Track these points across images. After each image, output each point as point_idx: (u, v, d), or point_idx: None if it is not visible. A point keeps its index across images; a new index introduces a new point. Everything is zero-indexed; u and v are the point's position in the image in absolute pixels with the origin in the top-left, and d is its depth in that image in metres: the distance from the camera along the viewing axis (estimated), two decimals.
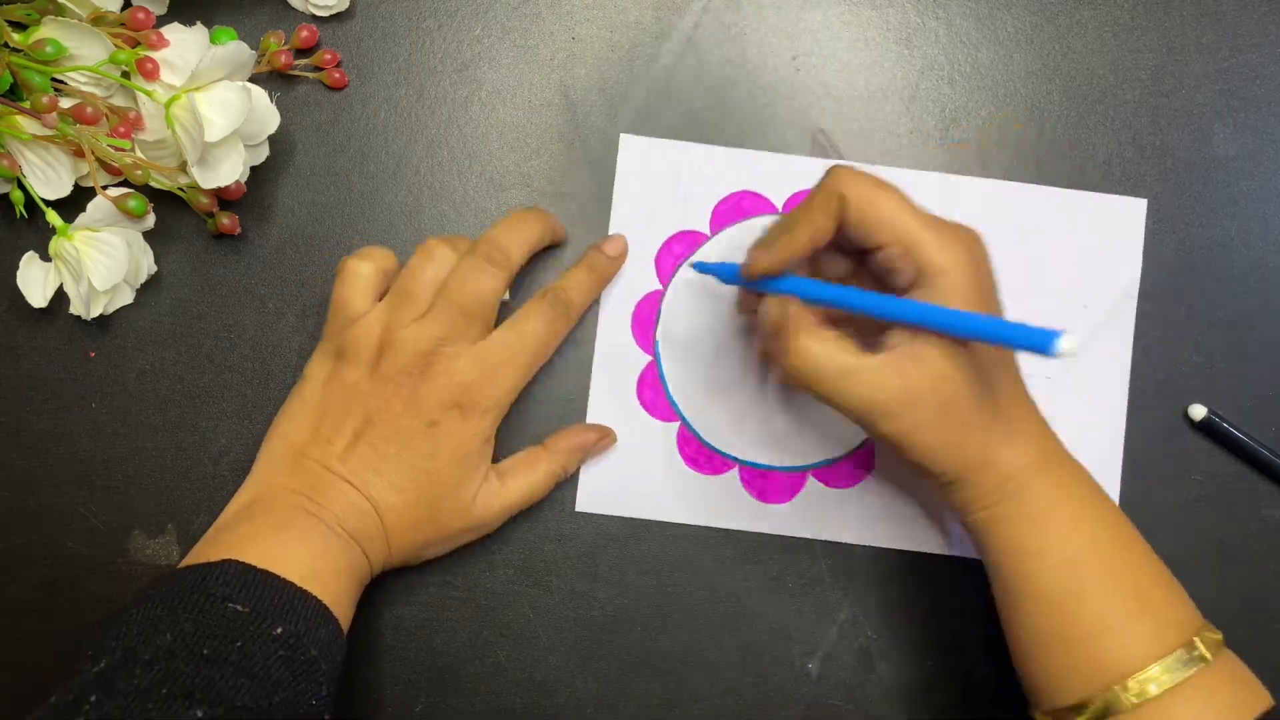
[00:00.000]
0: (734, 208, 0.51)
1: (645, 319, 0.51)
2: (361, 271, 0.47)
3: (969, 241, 0.40)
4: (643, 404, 0.50)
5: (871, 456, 0.50)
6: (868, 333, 0.41)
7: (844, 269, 0.44)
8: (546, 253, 0.50)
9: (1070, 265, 0.50)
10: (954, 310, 0.38)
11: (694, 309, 0.51)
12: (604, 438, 0.50)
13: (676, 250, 0.51)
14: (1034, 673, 0.42)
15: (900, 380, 0.39)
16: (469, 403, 0.45)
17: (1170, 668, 0.39)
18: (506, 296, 0.48)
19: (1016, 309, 0.43)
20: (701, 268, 0.49)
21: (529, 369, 0.47)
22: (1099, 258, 0.50)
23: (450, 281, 0.45)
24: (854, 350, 0.40)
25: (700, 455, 0.50)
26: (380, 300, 0.47)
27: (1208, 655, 0.40)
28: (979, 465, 0.41)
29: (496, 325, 0.47)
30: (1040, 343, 0.33)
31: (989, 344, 0.38)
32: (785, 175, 0.50)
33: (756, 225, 0.50)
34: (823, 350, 0.40)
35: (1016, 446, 0.41)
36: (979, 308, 0.39)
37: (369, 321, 0.46)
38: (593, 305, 0.50)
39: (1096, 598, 0.40)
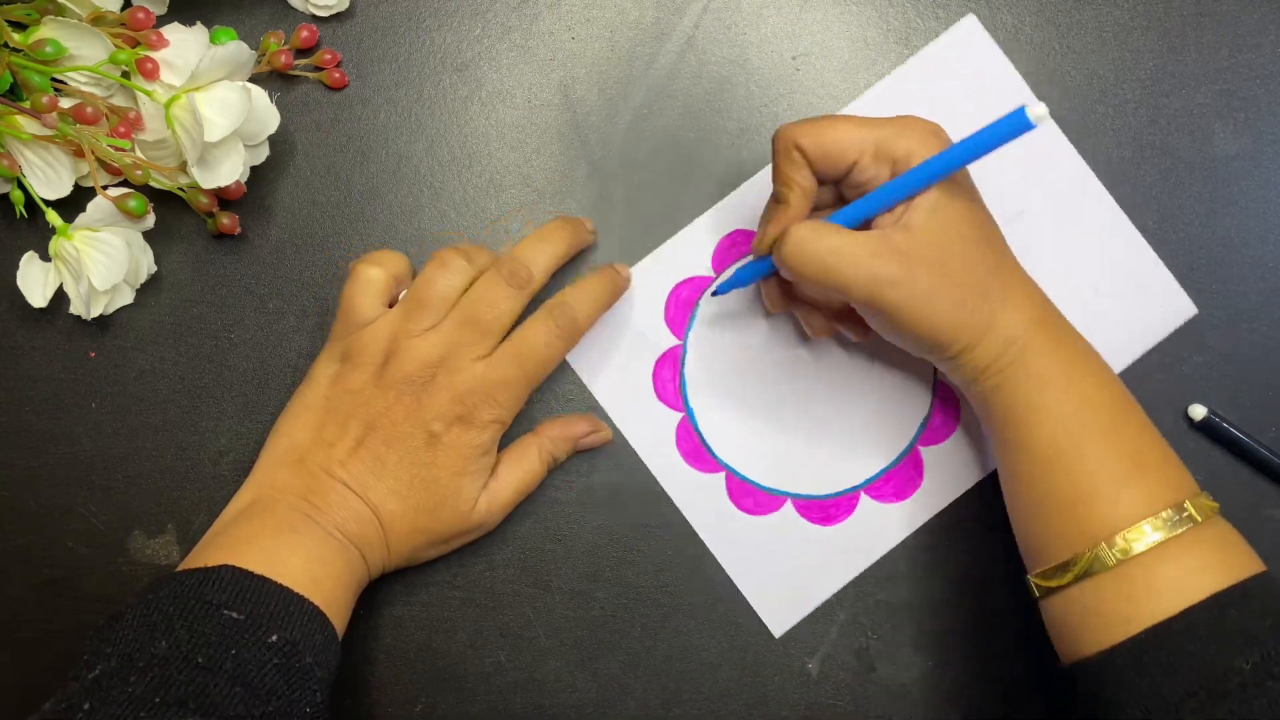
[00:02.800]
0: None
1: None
2: (372, 276, 0.46)
3: (928, 124, 0.42)
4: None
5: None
6: None
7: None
8: (572, 259, 0.50)
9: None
10: (926, 160, 0.40)
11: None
12: (596, 430, 0.50)
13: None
14: (1030, 534, 0.43)
15: (893, 248, 0.41)
16: (470, 416, 0.45)
17: (1157, 527, 0.39)
18: None
19: None
20: (722, 288, 0.50)
21: (532, 385, 0.46)
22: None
23: (470, 296, 0.45)
24: (848, 232, 0.42)
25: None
26: (389, 306, 0.47)
27: (1197, 517, 0.40)
28: (984, 328, 0.42)
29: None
30: (1015, 123, 0.36)
31: (974, 159, 0.40)
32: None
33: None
34: (816, 234, 0.42)
35: (1016, 303, 0.42)
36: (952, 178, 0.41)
37: (378, 327, 0.46)
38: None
39: (1093, 456, 0.41)
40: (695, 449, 0.50)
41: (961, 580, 0.50)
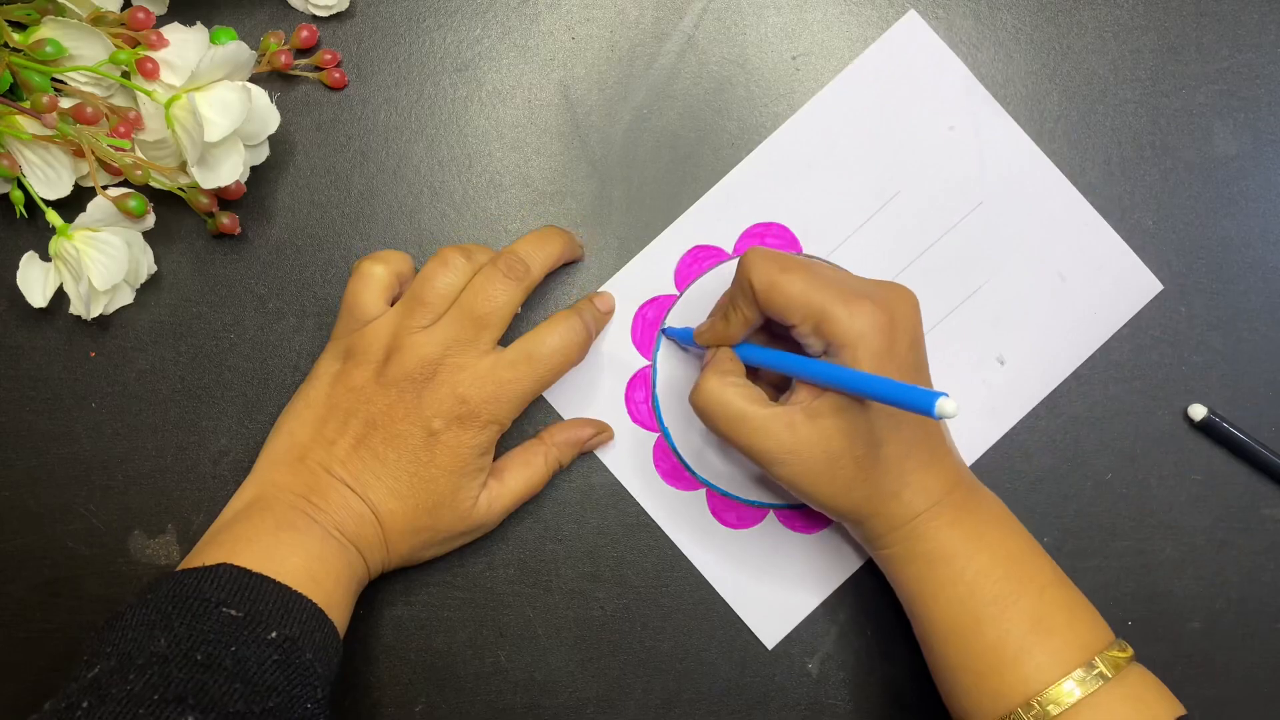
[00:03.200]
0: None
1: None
2: (375, 273, 0.46)
3: (890, 304, 0.42)
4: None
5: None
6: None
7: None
8: (562, 268, 0.50)
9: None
10: (844, 370, 0.40)
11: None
12: (600, 433, 0.50)
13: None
14: (949, 696, 0.44)
15: (789, 433, 0.42)
16: (469, 415, 0.45)
17: (1070, 688, 0.40)
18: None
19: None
20: (670, 332, 0.50)
21: (536, 389, 0.46)
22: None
23: (467, 291, 0.46)
24: (755, 399, 0.43)
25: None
26: (392, 304, 0.47)
27: (1108, 673, 0.41)
28: (870, 513, 0.43)
29: (508, 339, 0.47)
30: (922, 403, 0.35)
31: (878, 400, 0.39)
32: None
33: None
34: (723, 394, 0.43)
35: (905, 499, 0.43)
36: (886, 371, 0.41)
37: (380, 325, 0.46)
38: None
39: (991, 629, 0.42)
40: (674, 468, 0.50)
41: None
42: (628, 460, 0.50)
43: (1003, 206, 0.50)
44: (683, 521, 0.50)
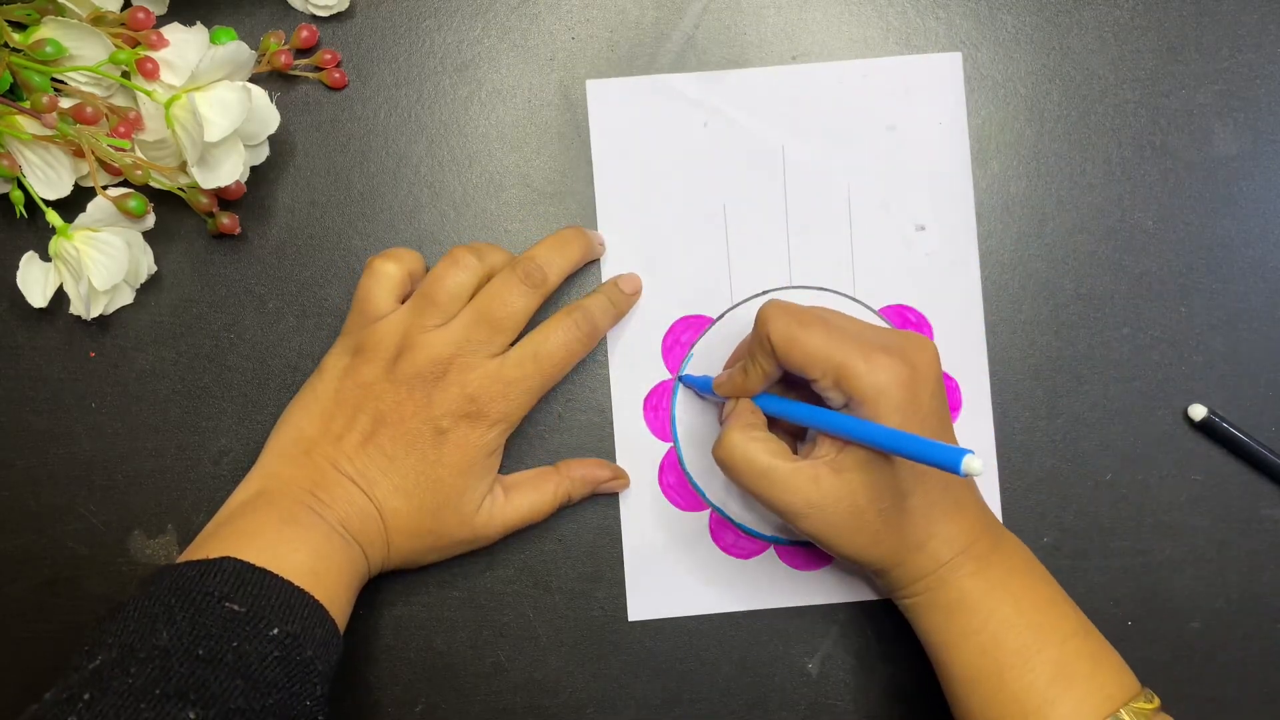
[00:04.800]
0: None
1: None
2: (387, 271, 0.47)
3: (911, 356, 0.42)
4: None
5: None
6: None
7: None
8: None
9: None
10: (868, 425, 0.40)
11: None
12: (617, 478, 0.49)
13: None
14: None
15: (813, 487, 0.42)
16: (478, 414, 0.45)
17: None
18: None
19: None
20: (687, 380, 0.50)
21: (543, 387, 0.47)
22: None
23: (484, 294, 0.46)
24: (779, 453, 0.43)
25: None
26: (403, 303, 0.47)
27: None
28: (895, 564, 0.43)
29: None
30: (948, 461, 0.35)
31: (903, 455, 0.39)
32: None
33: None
34: (747, 449, 0.43)
35: (931, 548, 0.42)
36: (909, 424, 0.41)
37: (391, 322, 0.46)
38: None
39: (1015, 680, 0.41)
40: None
41: None
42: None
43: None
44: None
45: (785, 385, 0.47)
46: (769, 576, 0.50)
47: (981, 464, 0.35)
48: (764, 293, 0.50)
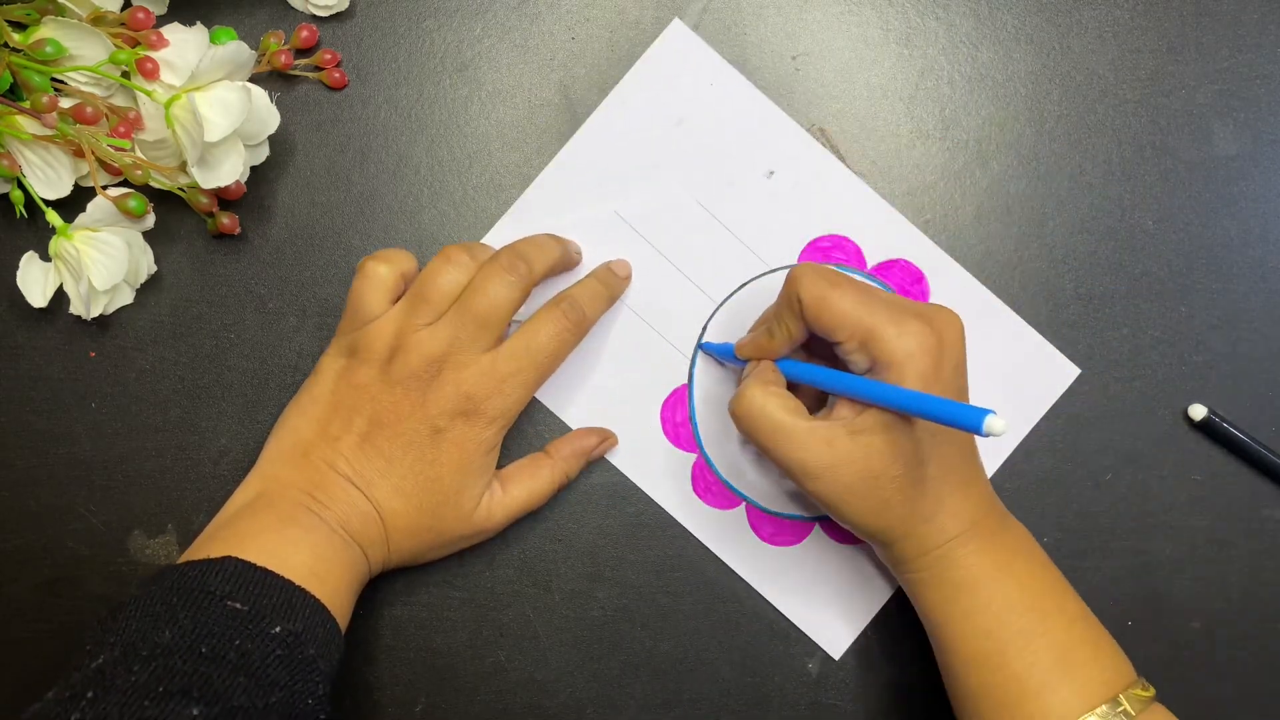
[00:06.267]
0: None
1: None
2: (379, 272, 0.47)
3: (939, 325, 0.41)
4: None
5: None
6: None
7: None
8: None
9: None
10: (892, 388, 0.40)
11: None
12: (605, 440, 0.50)
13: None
14: None
15: (828, 448, 0.41)
16: (475, 411, 0.45)
17: None
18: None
19: None
20: (707, 347, 0.50)
21: (537, 381, 0.47)
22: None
23: (469, 289, 0.46)
24: (796, 411, 0.43)
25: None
26: (396, 302, 0.47)
27: (1131, 711, 0.41)
28: (902, 535, 0.43)
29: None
30: (971, 420, 0.35)
31: (925, 418, 0.39)
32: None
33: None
34: (765, 404, 0.43)
35: (940, 521, 0.42)
36: (933, 392, 0.40)
37: (383, 323, 0.46)
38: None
39: (1017, 661, 0.42)
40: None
41: None
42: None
43: None
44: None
45: (805, 355, 0.47)
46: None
47: (1004, 424, 0.34)
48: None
